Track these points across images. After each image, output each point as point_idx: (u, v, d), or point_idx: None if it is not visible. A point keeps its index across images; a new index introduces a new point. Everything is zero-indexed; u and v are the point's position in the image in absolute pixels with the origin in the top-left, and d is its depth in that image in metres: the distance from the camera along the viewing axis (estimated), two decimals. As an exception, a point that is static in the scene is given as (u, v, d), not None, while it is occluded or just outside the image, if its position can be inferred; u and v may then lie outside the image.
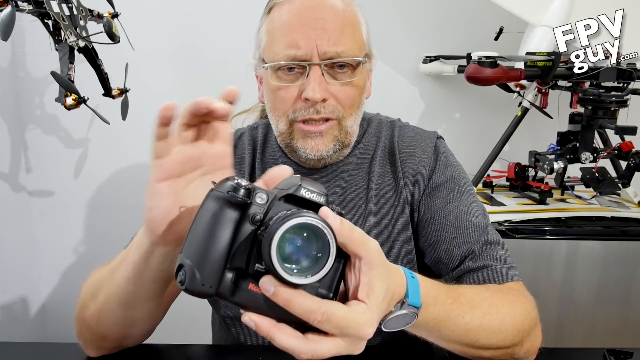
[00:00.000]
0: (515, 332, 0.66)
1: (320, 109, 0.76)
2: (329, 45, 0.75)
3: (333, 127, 0.79)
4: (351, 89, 0.78)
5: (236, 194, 0.44)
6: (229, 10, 1.64)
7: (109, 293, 0.64)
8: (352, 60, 0.77)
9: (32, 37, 1.56)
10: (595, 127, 1.38)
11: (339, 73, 0.77)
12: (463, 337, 0.62)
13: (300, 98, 0.76)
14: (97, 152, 1.70)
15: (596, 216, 1.40)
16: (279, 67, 0.77)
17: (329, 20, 0.76)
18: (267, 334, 0.45)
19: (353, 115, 0.80)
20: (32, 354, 0.80)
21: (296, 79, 0.77)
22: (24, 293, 1.72)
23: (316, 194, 0.45)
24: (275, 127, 0.82)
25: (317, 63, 0.75)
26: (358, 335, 0.46)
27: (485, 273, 0.75)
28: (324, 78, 0.76)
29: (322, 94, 0.75)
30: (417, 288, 0.54)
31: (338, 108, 0.78)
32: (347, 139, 0.81)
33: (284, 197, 0.45)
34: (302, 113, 0.77)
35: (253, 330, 0.43)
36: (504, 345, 0.66)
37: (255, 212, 0.44)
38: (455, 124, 1.80)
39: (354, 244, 0.46)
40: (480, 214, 0.82)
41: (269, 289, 0.43)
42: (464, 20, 1.69)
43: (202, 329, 1.08)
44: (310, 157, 0.80)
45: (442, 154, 0.87)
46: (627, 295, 1.39)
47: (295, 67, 0.76)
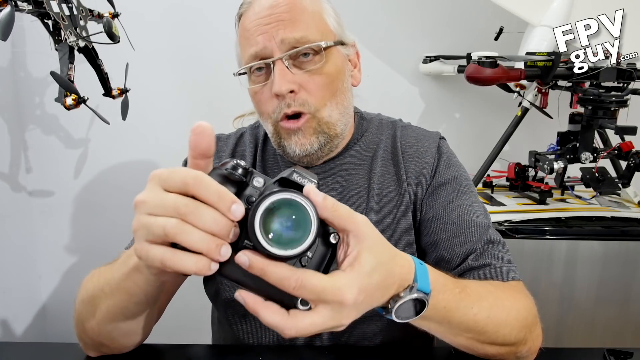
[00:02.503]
0: (519, 326, 0.67)
1: (290, 102, 0.76)
2: (285, 33, 0.75)
3: (309, 120, 0.78)
4: (320, 77, 0.77)
5: (234, 172, 0.47)
6: (229, 10, 1.64)
7: (108, 311, 0.65)
8: (315, 46, 0.76)
9: (32, 37, 1.56)
10: (595, 127, 1.38)
11: (304, 62, 0.76)
12: (472, 328, 0.62)
13: (272, 96, 0.77)
14: (97, 152, 1.70)
15: (596, 216, 1.40)
16: (251, 70, 0.78)
17: (283, 12, 0.76)
18: (254, 310, 0.46)
19: (328, 104, 0.78)
20: (32, 354, 0.80)
21: (267, 78, 0.77)
22: (24, 293, 1.72)
23: (307, 179, 0.47)
24: (267, 130, 0.83)
25: (279, 57, 0.75)
26: (337, 301, 0.46)
27: (487, 271, 0.76)
28: (289, 70, 0.75)
29: (287, 86, 0.74)
30: (425, 274, 0.54)
31: (309, 101, 0.76)
32: (330, 130, 0.79)
33: (278, 181, 0.47)
34: (278, 111, 0.77)
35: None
36: (509, 341, 0.66)
37: (251, 194, 0.47)
38: (455, 124, 1.80)
39: (340, 219, 0.47)
40: (482, 214, 0.82)
41: (244, 261, 0.44)
42: (464, 20, 1.69)
43: (202, 329, 1.08)
44: (297, 154, 0.79)
45: (445, 154, 0.87)
46: (627, 295, 1.39)
47: (264, 67, 0.77)
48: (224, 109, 1.04)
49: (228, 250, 0.45)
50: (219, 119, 1.06)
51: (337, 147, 0.85)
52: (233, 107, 1.06)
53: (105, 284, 0.65)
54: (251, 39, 0.76)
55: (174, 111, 1.69)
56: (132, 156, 1.72)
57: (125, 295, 0.62)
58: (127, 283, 0.61)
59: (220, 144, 0.92)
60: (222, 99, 1.50)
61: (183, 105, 1.69)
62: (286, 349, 0.81)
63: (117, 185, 1.72)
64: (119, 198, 1.72)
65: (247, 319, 0.84)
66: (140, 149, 1.72)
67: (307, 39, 0.75)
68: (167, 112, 1.69)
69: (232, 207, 0.44)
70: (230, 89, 1.26)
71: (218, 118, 1.07)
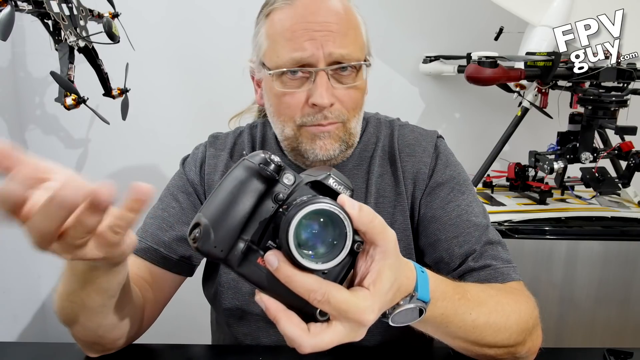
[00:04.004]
0: (519, 330, 0.67)
1: (327, 114, 0.76)
2: (335, 47, 0.75)
3: (339, 127, 0.79)
4: (355, 92, 0.78)
5: (266, 167, 0.44)
6: (229, 10, 1.64)
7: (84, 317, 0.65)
8: (357, 63, 0.77)
9: (32, 37, 1.56)
10: (595, 127, 1.38)
11: (343, 76, 0.77)
12: (470, 333, 0.62)
13: (307, 103, 0.76)
14: (97, 152, 1.70)
15: (596, 216, 1.40)
16: (284, 72, 0.76)
17: (332, 23, 0.75)
18: (275, 317, 0.45)
19: (356, 117, 0.81)
20: (32, 354, 0.80)
21: (302, 84, 0.76)
22: (24, 293, 1.72)
23: (343, 186, 0.45)
24: (281, 132, 0.81)
25: (323, 69, 0.75)
26: (358, 321, 0.46)
27: (487, 272, 0.75)
28: (330, 83, 0.75)
29: (330, 99, 0.75)
30: (426, 282, 0.54)
31: (343, 112, 0.78)
32: (350, 140, 0.81)
33: (311, 183, 0.45)
34: (311, 119, 0.77)
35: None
36: (508, 344, 0.66)
37: (280, 191, 0.45)
38: (455, 124, 1.80)
39: (373, 231, 0.45)
40: (481, 214, 0.82)
41: (273, 263, 0.43)
42: (464, 20, 1.69)
43: (202, 329, 1.08)
44: (318, 158, 0.79)
45: (442, 153, 0.87)
46: (627, 295, 1.39)
47: (300, 72, 0.76)
48: (224, 108, 1.03)
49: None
50: (219, 119, 1.07)
51: (348, 155, 0.86)
52: (232, 106, 1.06)
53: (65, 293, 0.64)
54: (296, 42, 0.75)
55: (174, 111, 1.69)
56: (132, 156, 1.72)
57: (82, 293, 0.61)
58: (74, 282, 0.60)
59: (219, 143, 0.91)
60: (222, 98, 1.50)
61: (183, 105, 1.69)
62: (285, 349, 0.81)
63: (117, 185, 1.72)
64: (118, 198, 1.72)
65: (245, 321, 0.84)
66: (140, 149, 1.72)
67: (351, 56, 0.76)
68: (167, 112, 1.69)
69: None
70: (230, 88, 1.27)
71: (218, 118, 1.07)
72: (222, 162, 0.87)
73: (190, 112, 1.70)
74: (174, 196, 0.85)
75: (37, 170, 0.43)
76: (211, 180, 0.86)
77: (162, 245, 0.81)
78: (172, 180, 0.90)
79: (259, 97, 0.86)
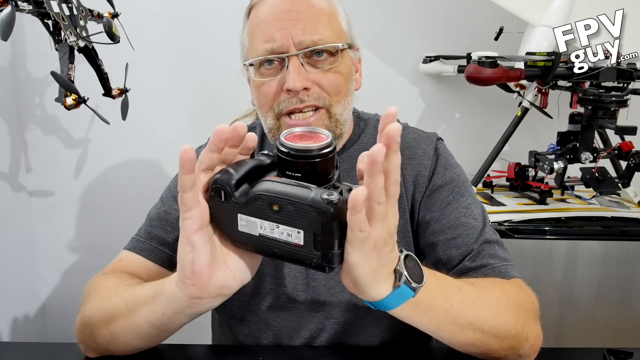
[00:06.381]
0: (514, 316, 0.66)
1: (303, 97, 0.76)
2: (304, 34, 0.76)
3: (322, 116, 0.78)
4: (334, 75, 0.78)
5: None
6: (228, 10, 1.64)
7: (127, 328, 0.66)
8: (331, 47, 0.77)
9: (32, 37, 1.56)
10: (595, 127, 1.38)
11: (318, 61, 0.78)
12: (472, 311, 0.62)
13: (283, 90, 0.77)
14: (97, 152, 1.70)
15: (596, 216, 1.40)
16: (260, 63, 0.78)
17: (302, 12, 0.77)
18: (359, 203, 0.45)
19: (341, 102, 0.80)
20: (32, 354, 0.80)
21: (277, 73, 0.78)
22: (24, 293, 1.72)
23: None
24: (265, 124, 0.82)
25: (295, 53, 0.76)
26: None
27: (484, 271, 0.75)
28: (304, 68, 0.76)
29: (302, 83, 0.75)
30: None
31: (323, 95, 0.78)
32: (338, 129, 0.80)
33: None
34: (286, 104, 0.77)
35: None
36: (509, 332, 0.66)
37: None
38: (455, 124, 1.80)
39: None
40: (480, 215, 0.82)
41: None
42: (464, 20, 1.69)
43: (202, 329, 1.08)
44: None
45: (442, 155, 0.87)
46: (627, 295, 1.39)
47: (275, 61, 0.77)
48: (224, 108, 1.04)
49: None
50: (219, 119, 1.07)
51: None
52: (232, 106, 1.06)
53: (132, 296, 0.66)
54: (267, 33, 0.77)
55: (174, 111, 1.69)
56: (132, 156, 1.72)
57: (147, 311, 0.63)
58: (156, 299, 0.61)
59: None
60: (222, 98, 1.50)
61: (183, 105, 1.69)
62: (286, 349, 0.81)
63: (117, 185, 1.72)
64: (119, 198, 1.72)
65: (245, 322, 0.85)
66: (140, 149, 1.72)
67: (323, 41, 0.77)
68: (167, 112, 1.69)
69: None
70: (230, 88, 1.27)
71: (218, 118, 1.07)
72: None
73: (190, 112, 1.70)
74: (175, 198, 0.86)
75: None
76: None
77: (167, 246, 0.82)
78: (173, 180, 0.90)
79: (253, 98, 0.87)
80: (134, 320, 0.65)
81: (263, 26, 0.78)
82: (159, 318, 0.62)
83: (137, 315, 0.64)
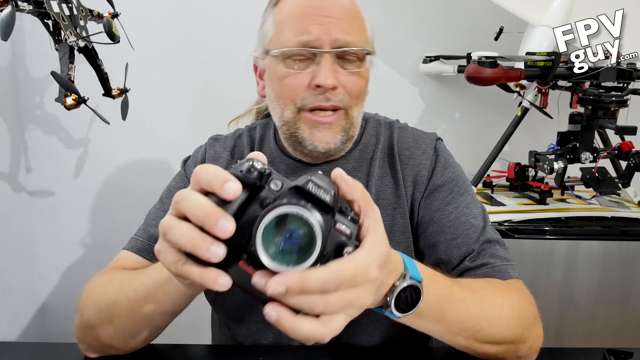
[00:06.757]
0: (515, 323, 0.66)
1: (330, 96, 0.76)
2: (340, 33, 0.76)
3: (341, 117, 0.79)
4: (359, 79, 0.79)
5: (249, 175, 0.45)
6: (228, 10, 1.64)
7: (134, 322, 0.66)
8: (360, 51, 0.78)
9: (32, 37, 1.56)
10: (595, 127, 1.38)
11: (347, 62, 0.78)
12: (467, 323, 0.62)
13: (310, 86, 0.76)
14: (97, 152, 1.70)
15: (596, 216, 1.40)
16: (289, 54, 0.77)
17: (339, 11, 0.77)
18: (289, 327, 0.43)
19: (358, 106, 0.81)
20: (32, 354, 0.80)
21: (306, 67, 0.77)
22: (24, 293, 1.72)
23: (323, 190, 0.45)
24: (280, 116, 0.81)
25: (328, 51, 0.76)
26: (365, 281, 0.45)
27: (484, 271, 0.75)
28: (334, 66, 0.76)
29: (333, 81, 0.75)
30: (413, 264, 0.55)
31: (346, 97, 0.78)
32: (351, 130, 0.81)
33: (293, 188, 0.45)
34: (312, 100, 0.77)
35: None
36: (507, 338, 0.66)
37: (267, 197, 0.46)
38: (455, 124, 1.80)
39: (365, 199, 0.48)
40: (480, 215, 0.82)
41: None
42: (464, 20, 1.69)
43: (202, 329, 1.08)
44: (317, 149, 0.79)
45: (441, 155, 0.87)
46: (627, 295, 1.39)
47: (305, 55, 0.76)
48: (224, 108, 1.04)
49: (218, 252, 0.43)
50: (219, 119, 1.07)
51: (347, 147, 0.86)
52: (232, 106, 1.06)
53: (131, 291, 0.65)
54: (302, 25, 0.76)
55: (174, 111, 1.69)
56: (132, 156, 1.72)
57: (153, 304, 0.63)
58: (158, 292, 0.62)
59: (219, 145, 0.92)
60: (222, 98, 1.50)
61: (183, 105, 1.69)
62: (286, 349, 0.81)
63: (117, 185, 1.72)
64: (119, 198, 1.72)
65: (245, 323, 0.84)
66: (140, 149, 1.72)
67: (355, 44, 0.77)
68: (167, 112, 1.69)
69: (219, 222, 0.42)
70: (230, 88, 1.27)
71: (217, 117, 1.08)
72: (222, 164, 0.88)
73: (190, 112, 1.70)
74: (175, 197, 0.86)
75: None
76: None
77: None
78: (173, 181, 0.90)
79: (261, 89, 0.86)
80: (142, 313, 0.65)
81: (298, 17, 0.77)
82: (168, 308, 0.63)
83: (144, 308, 0.64)
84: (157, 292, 0.62)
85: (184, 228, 0.43)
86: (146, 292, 0.63)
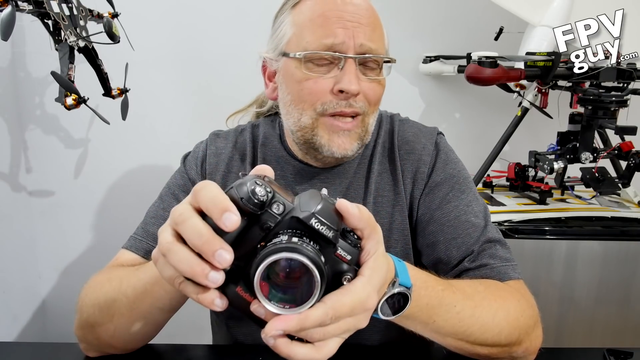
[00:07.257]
0: (510, 328, 0.66)
1: (352, 102, 0.75)
2: (365, 39, 0.75)
3: (358, 124, 0.78)
4: (378, 86, 0.78)
5: (248, 203, 0.43)
6: (228, 10, 1.64)
7: (134, 319, 0.66)
8: (382, 58, 0.77)
9: (32, 37, 1.56)
10: (595, 127, 1.38)
11: (368, 69, 0.77)
12: (457, 327, 0.62)
13: (332, 91, 0.74)
14: (97, 152, 1.70)
15: (596, 216, 1.40)
16: (311, 57, 0.75)
17: (364, 17, 0.76)
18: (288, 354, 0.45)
19: (374, 113, 0.80)
20: (32, 354, 0.80)
21: (328, 71, 0.75)
22: (24, 293, 1.72)
23: (326, 227, 0.44)
24: (297, 121, 0.78)
25: (353, 56, 0.74)
26: (363, 311, 0.47)
27: (483, 272, 0.75)
28: (357, 72, 0.75)
29: (357, 87, 0.74)
30: (405, 269, 0.55)
31: (365, 105, 0.77)
32: (366, 137, 0.80)
33: (295, 219, 0.44)
34: (334, 106, 0.75)
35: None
36: (499, 342, 0.66)
37: (267, 220, 0.44)
38: (455, 124, 1.80)
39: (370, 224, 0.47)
40: (481, 213, 0.81)
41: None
42: (464, 20, 1.69)
43: (202, 329, 1.08)
44: (334, 155, 0.77)
45: (442, 150, 0.86)
46: (627, 295, 1.39)
47: (328, 59, 0.75)
48: (224, 107, 1.03)
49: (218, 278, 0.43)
50: (219, 118, 1.07)
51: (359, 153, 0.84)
52: (232, 106, 1.06)
53: (129, 288, 0.65)
54: (328, 28, 0.74)
55: (174, 111, 1.69)
56: (132, 156, 1.72)
57: (151, 299, 0.63)
58: (155, 288, 0.62)
59: (220, 141, 0.90)
60: (222, 98, 1.50)
61: (183, 105, 1.69)
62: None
63: (117, 185, 1.72)
64: (119, 198, 1.72)
65: (244, 322, 0.84)
66: (140, 149, 1.72)
67: (378, 51, 0.76)
68: (167, 112, 1.69)
69: (217, 253, 0.42)
70: (230, 88, 1.27)
71: (217, 117, 1.07)
72: (223, 160, 0.87)
73: (190, 112, 1.70)
74: (174, 195, 0.85)
75: None
76: (212, 179, 0.85)
77: None
78: (173, 177, 0.89)
79: (271, 91, 0.84)
80: (141, 310, 0.65)
81: (321, 20, 0.75)
82: (166, 304, 0.63)
83: (143, 305, 0.64)
84: (155, 288, 0.62)
85: (183, 254, 0.43)
86: (144, 288, 0.63)
